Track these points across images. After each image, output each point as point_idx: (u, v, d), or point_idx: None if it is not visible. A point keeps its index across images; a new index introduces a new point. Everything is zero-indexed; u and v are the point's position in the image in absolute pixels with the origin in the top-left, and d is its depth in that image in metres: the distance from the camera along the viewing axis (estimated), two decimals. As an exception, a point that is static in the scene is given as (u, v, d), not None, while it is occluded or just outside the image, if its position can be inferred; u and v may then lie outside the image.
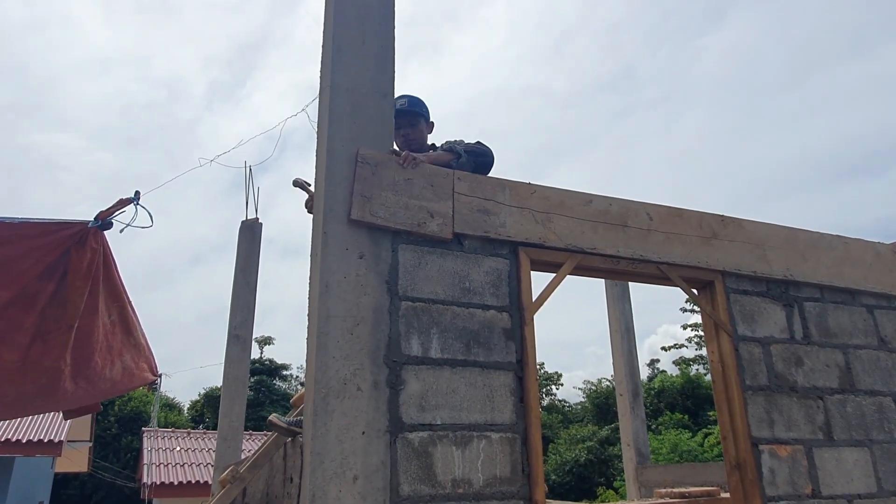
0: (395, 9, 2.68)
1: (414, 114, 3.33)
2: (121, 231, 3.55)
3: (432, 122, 3.47)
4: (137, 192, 3.46)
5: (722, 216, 3.08)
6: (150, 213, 3.50)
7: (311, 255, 2.36)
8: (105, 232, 3.62)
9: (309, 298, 2.31)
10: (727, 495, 3.02)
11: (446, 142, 3.20)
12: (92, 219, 3.45)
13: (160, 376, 4.82)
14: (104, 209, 3.45)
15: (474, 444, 2.25)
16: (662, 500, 3.28)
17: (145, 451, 17.03)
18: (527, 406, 2.38)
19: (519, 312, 2.51)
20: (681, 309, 30.40)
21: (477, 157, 3.01)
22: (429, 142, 3.39)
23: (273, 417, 3.00)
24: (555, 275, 2.66)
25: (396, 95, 3.32)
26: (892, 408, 3.17)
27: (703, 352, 29.62)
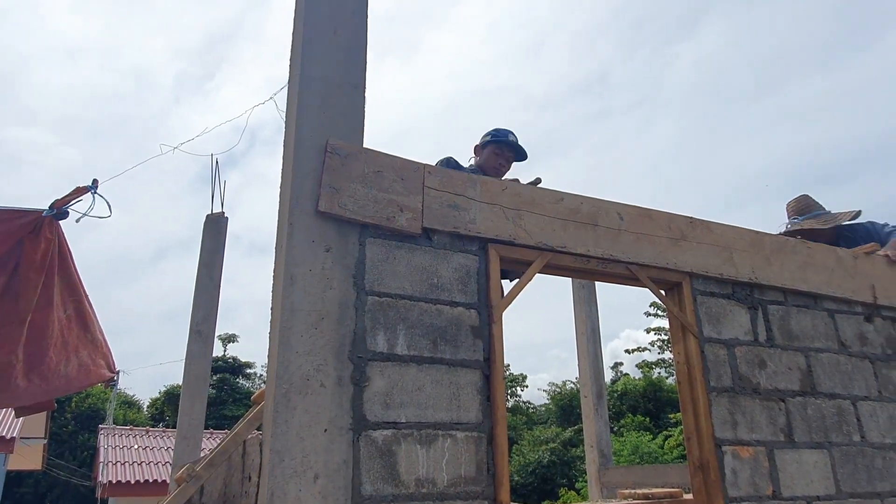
0: (370, 3, 2.63)
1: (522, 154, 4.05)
2: (77, 221, 3.43)
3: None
4: (95, 181, 3.34)
5: (691, 218, 3.09)
6: (108, 203, 3.39)
7: (276, 248, 2.30)
8: (61, 222, 3.49)
9: (273, 292, 2.25)
10: (690, 496, 3.03)
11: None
12: (47, 207, 3.32)
13: (118, 374, 4.69)
14: (60, 198, 3.32)
15: (439, 442, 2.22)
16: (626, 502, 3.28)
17: (102, 450, 16.67)
18: (493, 405, 2.35)
19: (487, 310, 2.48)
20: (644, 313, 30.81)
21: None
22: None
23: None
24: (524, 272, 2.64)
25: (504, 127, 4.06)
26: (850, 411, 3.22)
27: (666, 355, 30.01)
